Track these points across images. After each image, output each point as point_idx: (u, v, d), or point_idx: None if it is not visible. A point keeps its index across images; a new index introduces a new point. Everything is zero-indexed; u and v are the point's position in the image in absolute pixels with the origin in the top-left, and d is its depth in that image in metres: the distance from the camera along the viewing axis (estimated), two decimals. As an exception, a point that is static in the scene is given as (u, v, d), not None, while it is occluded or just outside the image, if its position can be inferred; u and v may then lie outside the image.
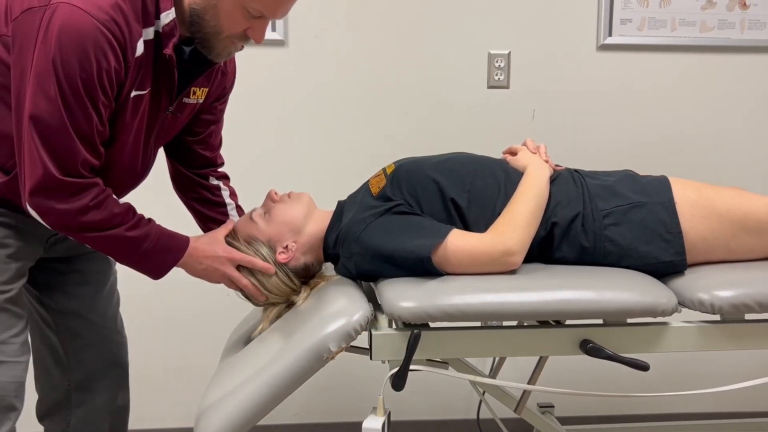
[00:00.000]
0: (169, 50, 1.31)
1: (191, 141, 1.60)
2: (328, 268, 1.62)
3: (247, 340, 1.58)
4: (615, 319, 1.38)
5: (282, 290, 1.52)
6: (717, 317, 1.38)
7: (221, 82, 1.55)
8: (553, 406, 1.97)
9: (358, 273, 1.46)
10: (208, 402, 1.38)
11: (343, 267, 1.49)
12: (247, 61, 2.18)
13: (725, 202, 1.47)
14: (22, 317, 1.41)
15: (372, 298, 1.44)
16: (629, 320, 1.38)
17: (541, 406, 1.97)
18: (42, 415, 1.64)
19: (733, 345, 1.40)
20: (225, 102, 1.62)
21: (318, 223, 1.54)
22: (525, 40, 2.24)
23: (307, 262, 1.54)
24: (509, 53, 2.24)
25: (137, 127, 1.37)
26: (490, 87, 2.25)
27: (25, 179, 1.26)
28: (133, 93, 1.32)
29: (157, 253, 1.39)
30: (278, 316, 1.52)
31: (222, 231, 1.52)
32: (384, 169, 1.56)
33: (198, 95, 1.48)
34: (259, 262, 1.49)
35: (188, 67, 1.40)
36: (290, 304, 1.53)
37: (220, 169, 1.69)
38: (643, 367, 1.32)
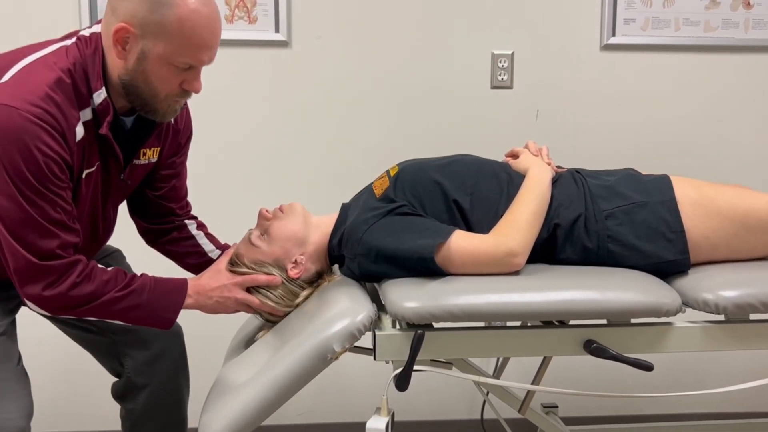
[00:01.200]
0: (104, 130, 1.33)
1: (155, 196, 1.62)
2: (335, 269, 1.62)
3: (251, 341, 1.58)
4: (619, 319, 1.37)
5: (299, 299, 1.52)
6: (721, 317, 1.38)
7: (174, 140, 1.56)
8: (557, 407, 1.96)
9: (361, 274, 1.46)
10: (212, 402, 1.39)
11: (347, 268, 1.50)
12: (250, 61, 2.19)
13: (727, 201, 1.47)
14: (12, 358, 1.42)
15: (376, 299, 1.44)
16: (633, 320, 1.38)
17: (545, 407, 1.96)
18: (116, 396, 1.71)
19: (738, 345, 1.39)
20: (184, 156, 1.63)
21: (320, 229, 1.54)
22: (528, 40, 2.23)
23: (317, 269, 1.54)
24: (512, 53, 2.24)
25: (92, 198, 1.41)
26: (493, 87, 2.25)
27: (12, 273, 1.30)
28: (84, 172, 1.35)
29: (159, 299, 1.41)
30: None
31: (222, 260, 1.54)
32: (387, 172, 1.56)
33: (149, 155, 1.50)
34: (263, 277, 1.49)
35: (136, 131, 1.43)
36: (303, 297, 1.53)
37: (186, 214, 1.71)
38: (647, 367, 1.32)
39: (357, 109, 2.25)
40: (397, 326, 1.36)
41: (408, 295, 1.32)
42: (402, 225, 1.42)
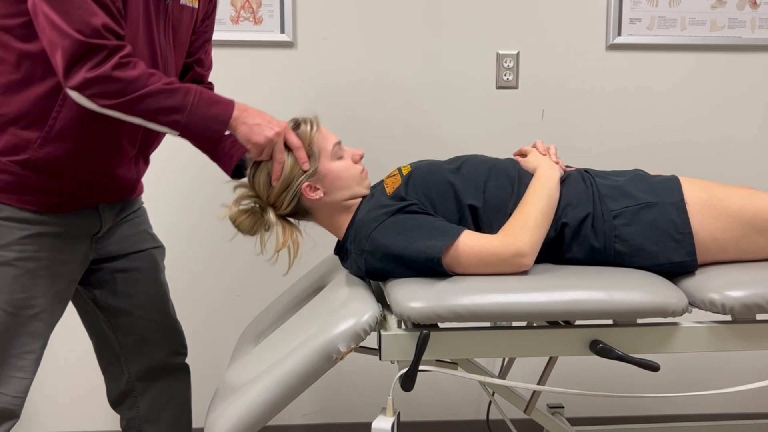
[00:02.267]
0: None
1: (189, 62, 1.61)
2: (338, 268, 1.62)
3: (257, 340, 1.59)
4: (625, 319, 1.37)
5: (281, 190, 1.47)
6: (728, 317, 1.38)
7: None
8: (562, 407, 1.96)
9: (367, 271, 1.46)
10: (218, 403, 1.39)
11: (353, 264, 1.50)
12: (255, 62, 2.20)
13: (736, 202, 1.47)
14: (41, 337, 1.44)
15: (381, 299, 1.44)
16: (639, 320, 1.37)
17: (550, 407, 1.96)
18: (113, 403, 1.70)
19: (745, 345, 1.39)
20: (213, 19, 1.64)
21: (347, 210, 1.51)
22: (534, 40, 2.23)
23: (306, 208, 1.51)
24: (518, 53, 2.23)
25: (144, 22, 1.37)
26: (498, 87, 2.25)
27: (58, 62, 1.26)
28: None
29: (207, 106, 1.34)
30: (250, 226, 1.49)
31: None
32: (400, 170, 1.56)
33: (192, 0, 1.50)
34: (303, 154, 1.46)
35: None
36: (267, 226, 1.49)
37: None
38: (654, 367, 1.32)
39: (362, 110, 2.25)
40: (403, 326, 1.36)
41: (413, 295, 1.32)
42: (411, 224, 1.42)
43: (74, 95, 1.28)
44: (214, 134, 1.37)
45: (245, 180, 1.53)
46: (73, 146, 1.38)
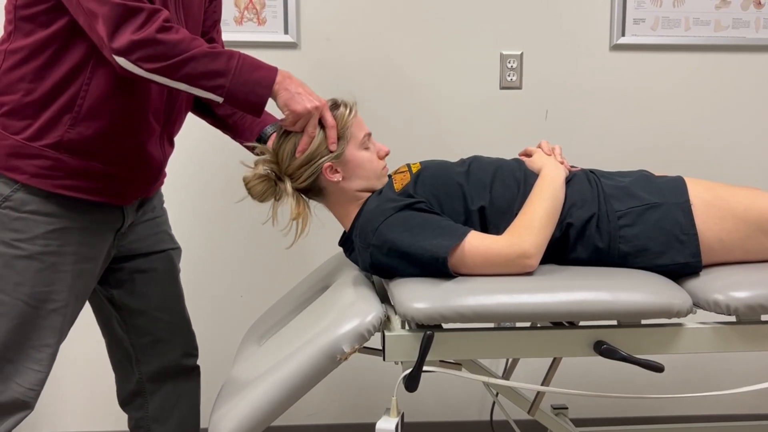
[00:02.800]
0: None
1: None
2: (345, 266, 1.62)
3: (262, 339, 1.59)
4: (629, 320, 1.37)
5: (303, 163, 1.46)
6: (732, 318, 1.38)
7: None
8: (566, 408, 1.96)
9: (372, 265, 1.46)
10: (222, 403, 1.39)
11: (359, 257, 1.50)
12: (259, 63, 2.20)
13: (741, 203, 1.46)
14: (59, 333, 1.45)
15: (385, 299, 1.44)
16: (643, 321, 1.37)
17: (554, 408, 1.96)
18: (122, 403, 1.71)
19: (749, 346, 1.38)
20: (220, 2, 1.64)
21: (359, 199, 1.51)
22: (537, 41, 2.23)
23: (322, 188, 1.50)
24: (522, 54, 2.23)
25: (159, 2, 1.37)
26: (502, 88, 2.25)
27: (101, 31, 1.27)
28: None
29: (250, 71, 1.34)
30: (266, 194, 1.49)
31: None
32: (409, 166, 1.56)
33: None
34: (335, 134, 1.46)
35: None
36: (278, 196, 1.49)
37: None
38: (658, 368, 1.31)
39: (366, 111, 2.24)
40: (407, 327, 1.36)
41: (417, 296, 1.32)
42: (418, 221, 1.42)
43: (121, 61, 1.28)
44: (258, 99, 1.36)
45: (268, 146, 1.52)
46: (104, 123, 1.39)
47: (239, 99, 1.35)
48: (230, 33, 2.15)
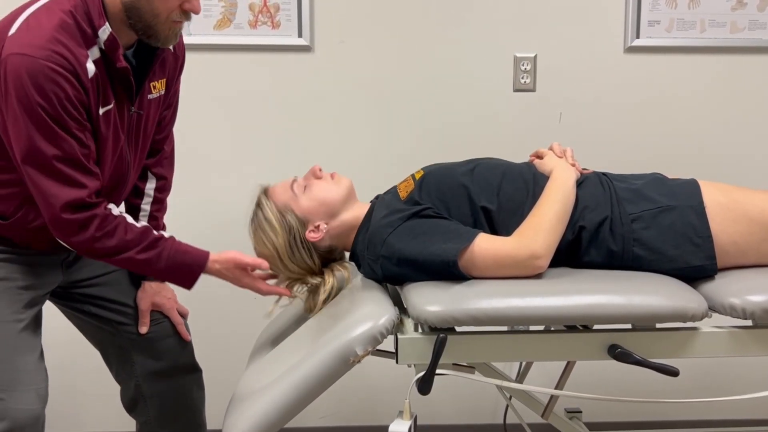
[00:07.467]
0: (121, 63, 1.37)
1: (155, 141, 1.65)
2: (355, 271, 1.62)
3: (276, 341, 1.59)
4: (644, 323, 1.36)
5: (302, 265, 1.54)
6: (749, 322, 1.36)
7: (173, 65, 1.58)
8: (580, 412, 1.94)
9: (384, 276, 1.46)
10: (235, 405, 1.40)
11: (369, 269, 1.50)
12: (273, 66, 2.21)
13: (756, 205, 1.45)
14: (34, 350, 1.48)
15: (398, 302, 1.44)
16: (658, 325, 1.36)
17: (568, 412, 1.95)
18: (127, 409, 1.74)
19: (766, 351, 1.37)
20: (178, 83, 1.65)
21: (353, 213, 1.55)
22: (551, 43, 2.22)
23: (332, 245, 1.56)
24: (535, 56, 2.23)
25: (113, 137, 1.43)
26: (516, 90, 2.24)
27: (46, 216, 1.37)
28: (101, 110, 1.38)
29: (175, 271, 1.48)
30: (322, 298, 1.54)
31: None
32: (412, 175, 1.56)
33: (158, 87, 1.53)
34: (265, 264, 1.52)
35: (140, 63, 1.45)
36: (316, 290, 1.54)
37: (157, 169, 1.68)
38: (673, 372, 1.31)
39: (380, 113, 2.25)
40: (420, 330, 1.36)
41: (430, 299, 1.32)
42: (426, 228, 1.42)
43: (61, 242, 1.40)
44: (187, 287, 1.51)
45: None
46: (19, 203, 1.44)
47: (176, 284, 1.53)
48: (244, 36, 2.16)
